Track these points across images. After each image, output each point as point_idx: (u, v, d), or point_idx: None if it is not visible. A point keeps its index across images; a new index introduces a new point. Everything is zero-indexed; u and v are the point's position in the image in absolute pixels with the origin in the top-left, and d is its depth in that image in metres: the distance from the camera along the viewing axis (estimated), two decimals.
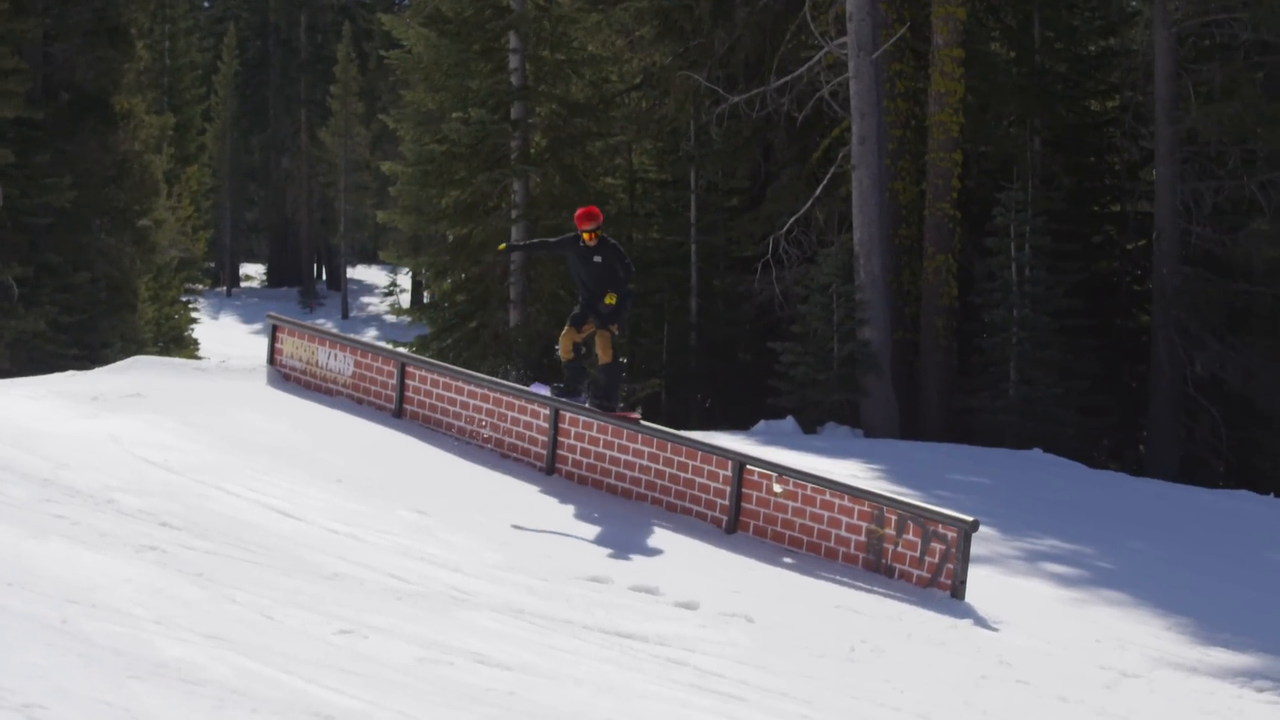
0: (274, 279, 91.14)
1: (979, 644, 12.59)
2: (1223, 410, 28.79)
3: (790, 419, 28.13)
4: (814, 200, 30.59)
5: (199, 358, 49.40)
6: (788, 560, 15.26)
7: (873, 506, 15.11)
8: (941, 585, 14.34)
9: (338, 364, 20.62)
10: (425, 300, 55.65)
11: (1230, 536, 19.50)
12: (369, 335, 65.20)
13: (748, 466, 16.21)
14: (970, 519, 14.43)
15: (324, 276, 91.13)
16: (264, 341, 25.28)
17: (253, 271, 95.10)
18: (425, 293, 60.15)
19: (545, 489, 17.16)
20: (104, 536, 11.00)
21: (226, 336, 68.22)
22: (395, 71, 39.36)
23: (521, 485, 17.18)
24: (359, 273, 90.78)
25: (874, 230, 28.85)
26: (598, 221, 16.94)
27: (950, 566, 14.31)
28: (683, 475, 16.70)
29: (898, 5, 29.71)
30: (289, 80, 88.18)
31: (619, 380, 17.77)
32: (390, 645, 9.41)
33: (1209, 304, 28.71)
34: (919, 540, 14.59)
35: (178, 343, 51.80)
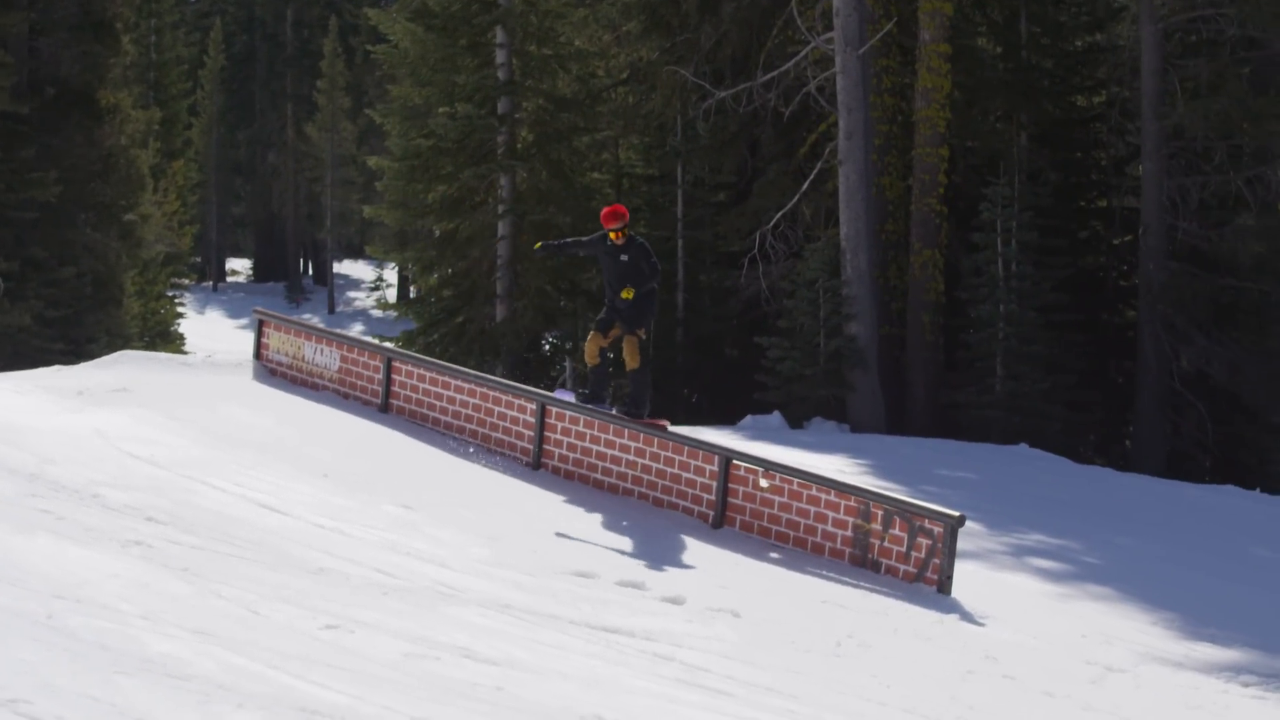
0: (260, 274, 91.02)
1: (965, 639, 12.60)
2: (1209, 405, 28.84)
3: (777, 414, 28.15)
4: (800, 195, 30.60)
5: (185, 352, 49.26)
6: (774, 555, 15.26)
7: (859, 501, 15.12)
8: (928, 580, 14.36)
9: (324, 359, 20.59)
10: (412, 295, 55.59)
11: (1216, 531, 19.53)
12: (355, 330, 65.17)
13: (734, 461, 16.21)
14: (956, 514, 14.44)
15: (310, 271, 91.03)
16: (250, 336, 25.25)
17: (239, 266, 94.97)
18: (412, 288, 60.08)
19: (532, 484, 17.16)
20: (90, 531, 10.98)
21: (212, 331, 68.10)
22: (382, 66, 39.38)
23: (508, 480, 17.17)
24: (345, 267, 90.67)
25: (860, 225, 28.87)
26: (624, 220, 16.62)
27: (936, 561, 14.32)
28: (669, 470, 16.70)
29: (884, 1, 29.73)
30: (275, 75, 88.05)
31: (648, 387, 17.32)
32: (376, 640, 9.40)
33: (1195, 299, 28.76)
34: (905, 535, 14.60)
35: (164, 337, 51.66)
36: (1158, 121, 28.67)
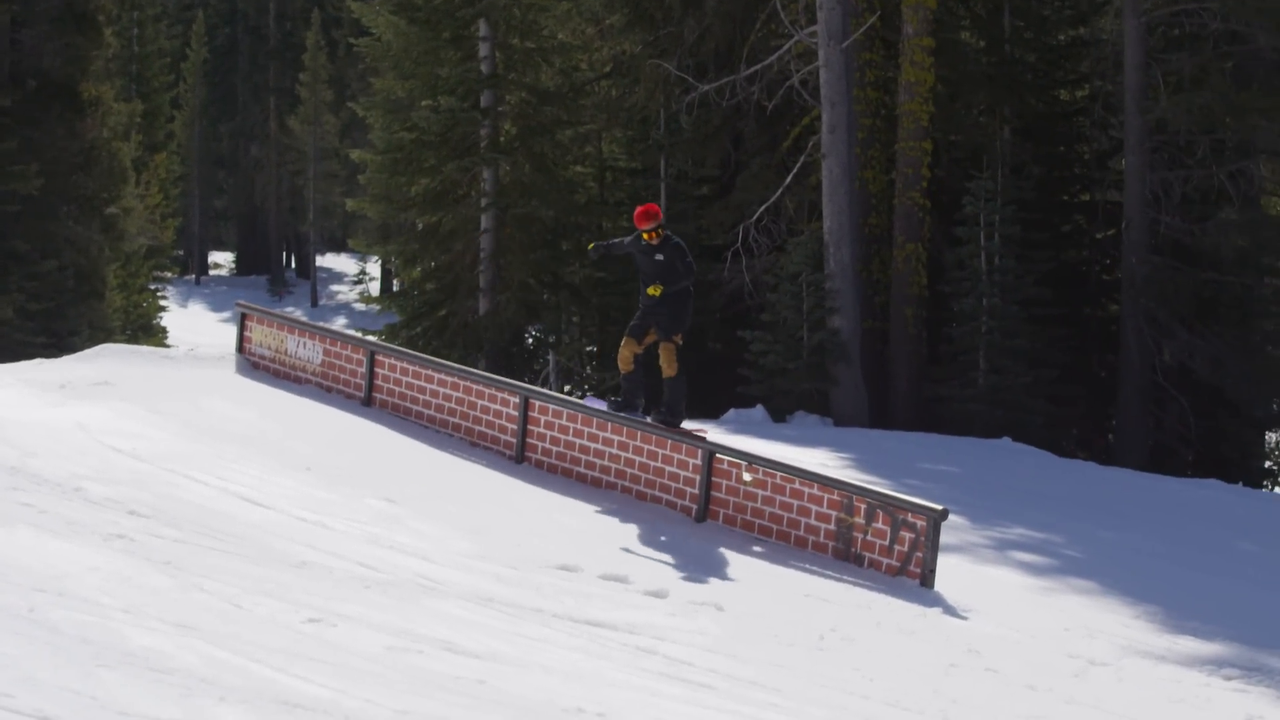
0: (243, 267, 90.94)
1: (948, 632, 12.61)
2: (1191, 399, 28.88)
3: (760, 407, 28.14)
4: (784, 189, 30.58)
5: (167, 346, 49.23)
6: (757, 549, 15.26)
7: (842, 495, 15.12)
8: (911, 574, 14.36)
9: (307, 352, 20.57)
10: (394, 288, 55.60)
11: (1198, 525, 19.56)
12: (338, 323, 65.11)
13: (717, 455, 16.20)
14: (939, 507, 14.44)
15: (293, 264, 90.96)
16: (233, 329, 25.22)
17: (221, 259, 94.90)
18: (395, 281, 60.11)
19: (515, 477, 17.14)
20: (72, 525, 10.96)
21: (195, 324, 68.02)
22: (364, 59, 39.16)
23: (491, 474, 17.16)
24: (328, 261, 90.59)
25: (844, 219, 28.86)
26: (657, 220, 16.18)
27: (919, 555, 14.33)
28: (652, 464, 16.69)
29: None
30: (258, 68, 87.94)
31: (684, 395, 16.88)
32: (359, 633, 9.39)
33: (1178, 293, 28.79)
34: (888, 529, 14.60)
35: (146, 331, 51.59)
36: (1141, 116, 28.69)
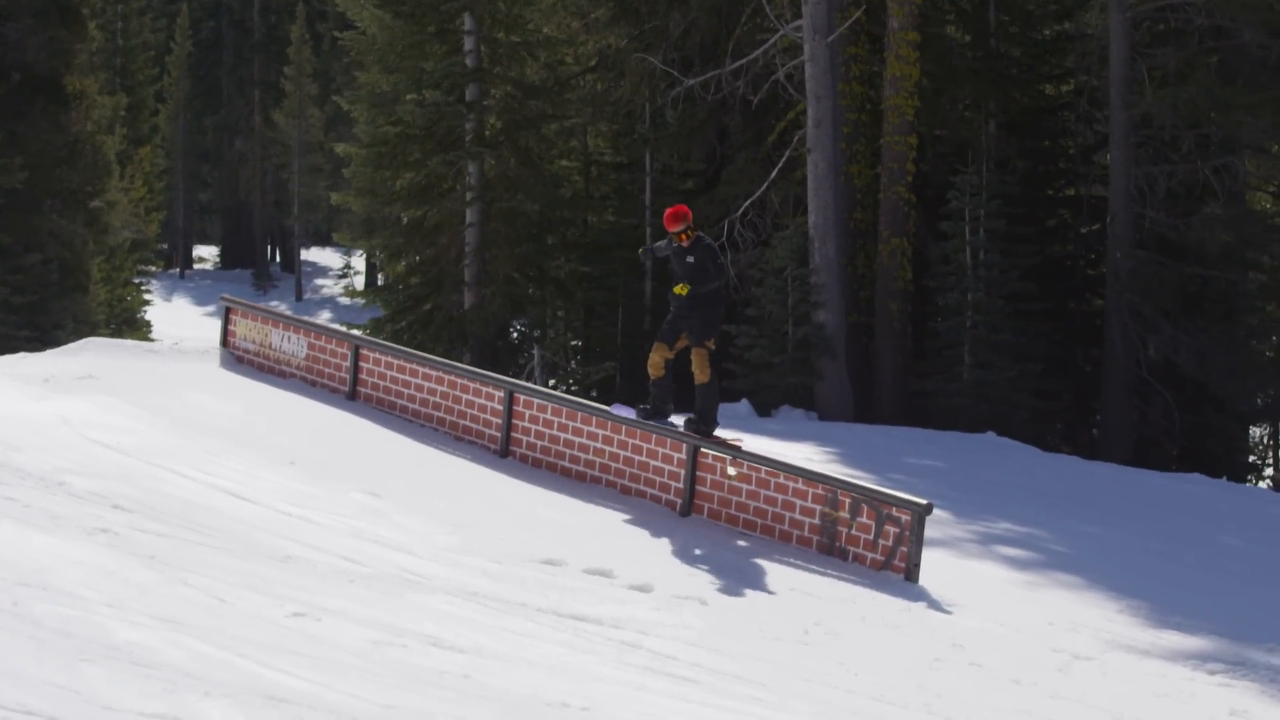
0: (227, 261, 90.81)
1: (933, 627, 12.62)
2: (1175, 394, 28.92)
3: (745, 402, 28.15)
4: (769, 183, 30.59)
5: (152, 340, 49.12)
6: (742, 543, 15.26)
7: (827, 489, 15.12)
8: (895, 568, 14.37)
9: (291, 346, 20.55)
10: (379, 283, 55.51)
11: (1182, 519, 19.59)
12: (323, 318, 65.00)
13: (702, 449, 16.20)
14: (924, 502, 14.46)
15: (278, 258, 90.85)
16: (217, 323, 25.20)
17: (206, 253, 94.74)
18: (379, 275, 60.04)
19: (500, 471, 17.13)
20: (55, 519, 10.92)
21: (179, 318, 67.89)
22: (349, 53, 39.20)
23: (476, 468, 17.15)
24: (313, 255, 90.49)
25: (829, 214, 28.88)
26: (686, 221, 15.86)
27: (904, 549, 14.33)
28: (637, 458, 16.69)
29: None
30: (242, 61, 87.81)
31: (717, 401, 16.54)
32: (343, 628, 9.38)
33: (1162, 288, 28.83)
34: (873, 523, 14.61)
35: (130, 325, 51.47)
36: (1126, 110, 28.72)
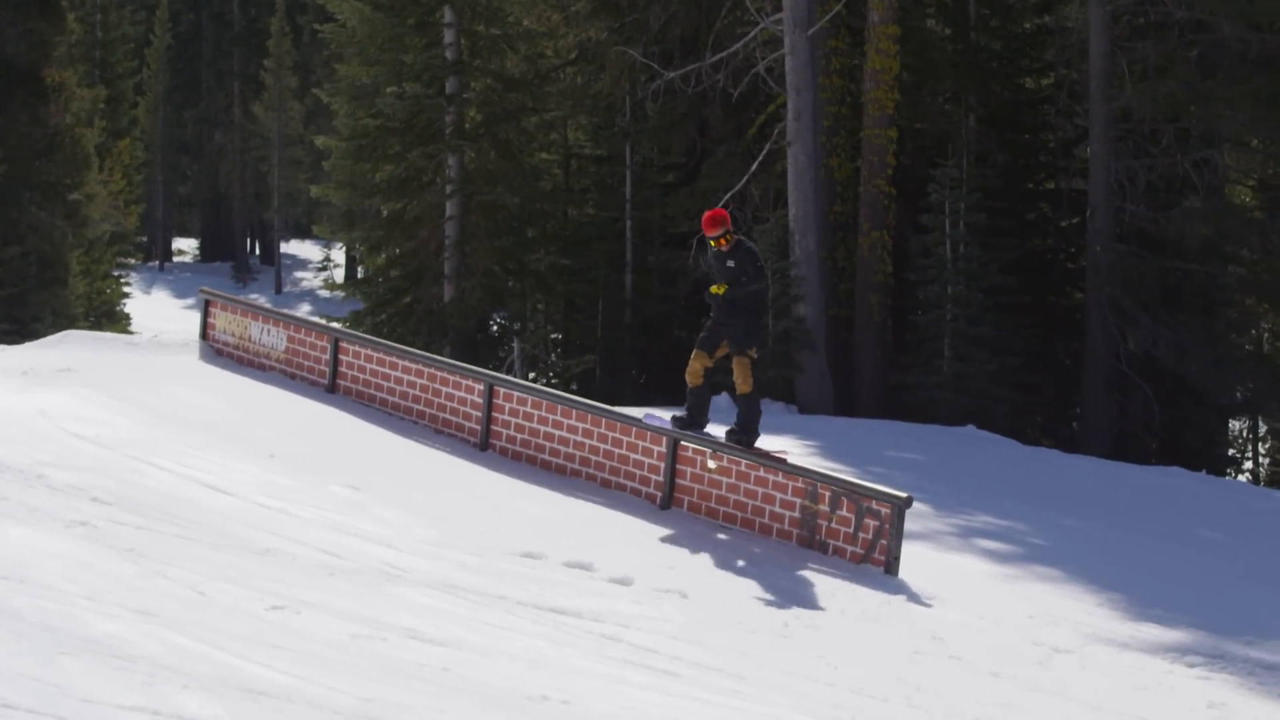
0: (207, 254, 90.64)
1: (912, 620, 12.63)
2: (1155, 387, 28.94)
3: (725, 395, 28.11)
4: (749, 176, 30.57)
5: (131, 332, 49.06)
6: (722, 536, 15.26)
7: (806, 483, 15.13)
8: (875, 561, 14.38)
9: (271, 339, 20.51)
10: (359, 275, 55.47)
11: (1162, 513, 19.61)
12: (303, 310, 64.97)
13: (682, 443, 16.19)
14: (904, 495, 14.47)
15: (257, 251, 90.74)
16: (196, 316, 25.12)
17: (185, 246, 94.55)
18: (359, 268, 59.94)
19: (479, 464, 17.12)
20: (34, 512, 10.90)
21: (159, 311, 67.76)
22: (329, 45, 39.06)
23: (455, 461, 17.14)
24: (293, 248, 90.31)
25: (809, 206, 28.87)
26: (725, 226, 15.14)
27: (884, 543, 14.35)
28: (617, 451, 16.68)
29: None
30: (222, 54, 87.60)
31: (759, 412, 15.87)
32: (322, 621, 9.37)
33: (1142, 281, 28.85)
34: (853, 516, 14.62)
35: (109, 317, 51.39)
36: (1106, 104, 28.74)
